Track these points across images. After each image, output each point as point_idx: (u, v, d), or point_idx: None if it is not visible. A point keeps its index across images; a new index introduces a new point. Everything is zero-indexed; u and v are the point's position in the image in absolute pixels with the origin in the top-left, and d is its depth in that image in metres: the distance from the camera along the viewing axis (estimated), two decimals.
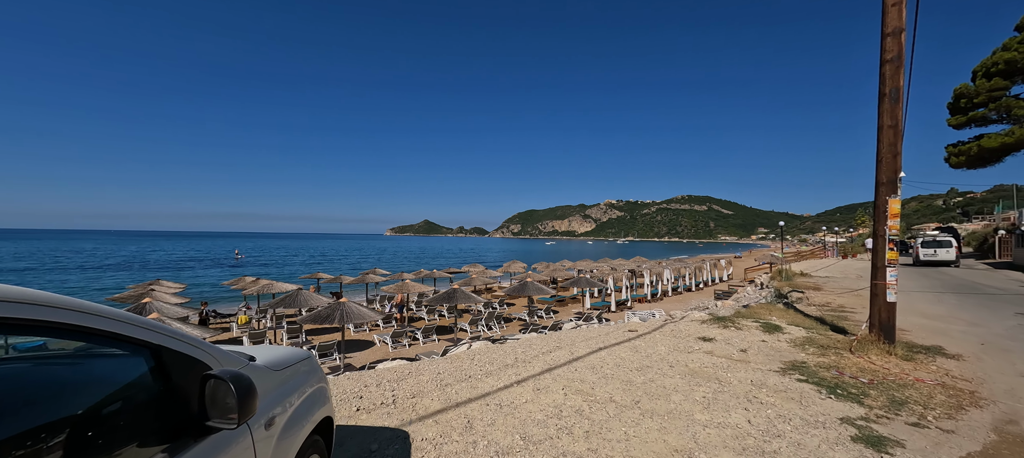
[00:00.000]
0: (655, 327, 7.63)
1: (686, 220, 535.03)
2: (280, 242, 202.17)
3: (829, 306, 10.45)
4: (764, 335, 6.98)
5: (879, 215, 5.96)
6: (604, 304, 25.64)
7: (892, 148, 5.85)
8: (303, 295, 15.29)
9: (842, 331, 7.38)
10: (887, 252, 5.84)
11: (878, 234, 5.96)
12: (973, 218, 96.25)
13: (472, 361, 5.63)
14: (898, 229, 5.79)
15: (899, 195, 5.82)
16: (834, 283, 16.09)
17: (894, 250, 5.81)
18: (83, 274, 46.87)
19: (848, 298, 11.87)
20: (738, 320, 8.05)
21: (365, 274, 23.04)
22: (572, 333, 7.26)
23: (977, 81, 30.62)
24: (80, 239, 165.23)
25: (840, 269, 23.03)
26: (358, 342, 17.94)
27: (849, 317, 8.88)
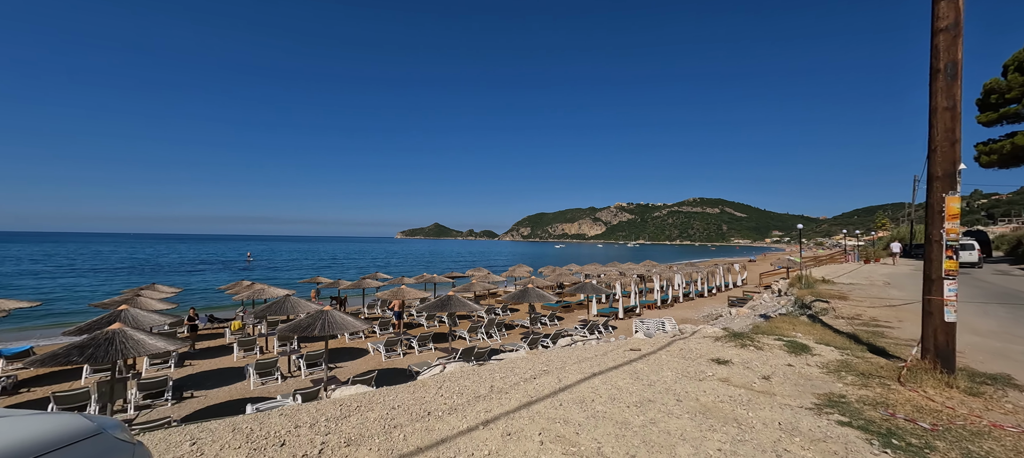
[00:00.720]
0: (661, 345, 6.63)
1: (698, 223, 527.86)
2: (292, 245, 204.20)
3: (860, 319, 9.32)
4: (790, 357, 5.95)
5: (933, 215, 4.90)
6: (611, 311, 24.55)
7: (950, 135, 4.80)
8: (291, 301, 14.55)
9: (882, 353, 6.29)
10: (944, 260, 4.78)
11: (932, 239, 4.90)
12: (999, 220, 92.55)
13: (439, 390, 4.73)
14: (957, 233, 4.74)
15: (958, 191, 4.76)
16: (861, 291, 14.82)
17: (953, 258, 4.75)
18: (96, 277, 47.27)
19: (881, 310, 10.68)
20: (757, 337, 7.00)
21: (363, 279, 22.33)
22: (565, 352, 6.30)
23: (1009, 76, 28.88)
24: (99, 242, 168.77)
25: (864, 275, 21.59)
26: (352, 350, 17.18)
27: (886, 334, 7.76)
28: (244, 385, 12.84)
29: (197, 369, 14.68)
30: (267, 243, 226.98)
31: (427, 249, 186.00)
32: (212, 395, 12.41)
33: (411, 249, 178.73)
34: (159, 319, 12.13)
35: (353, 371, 15.10)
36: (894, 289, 15.19)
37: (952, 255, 4.74)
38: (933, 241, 4.87)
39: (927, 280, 4.96)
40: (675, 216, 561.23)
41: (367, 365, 15.73)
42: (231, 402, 11.63)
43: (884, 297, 12.98)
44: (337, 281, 24.43)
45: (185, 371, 14.39)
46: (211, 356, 16.14)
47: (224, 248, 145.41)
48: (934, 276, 4.86)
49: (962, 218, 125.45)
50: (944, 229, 4.76)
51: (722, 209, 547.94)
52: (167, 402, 11.44)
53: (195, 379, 13.48)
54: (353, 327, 11.12)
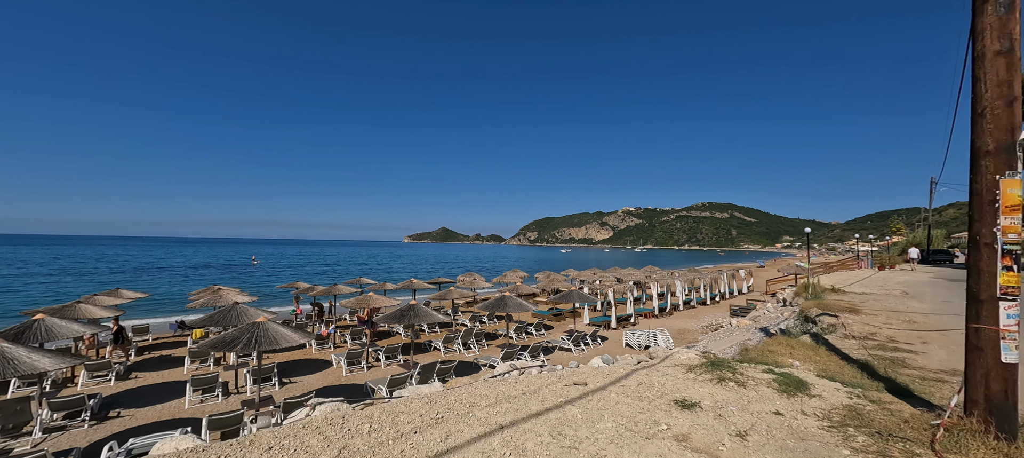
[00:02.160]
0: (615, 378, 5.16)
1: (707, 228, 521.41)
2: (300, 248, 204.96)
3: (874, 340, 7.75)
4: (779, 399, 4.45)
5: (981, 207, 3.39)
6: (605, 319, 22.98)
7: (1005, 90, 3.32)
8: (239, 309, 13.26)
9: (905, 394, 4.75)
10: (999, 272, 3.27)
11: (981, 241, 3.39)
12: None
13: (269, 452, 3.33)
14: (1019, 232, 3.24)
15: (1020, 171, 3.27)
16: (875, 303, 13.14)
17: (1014, 268, 3.24)
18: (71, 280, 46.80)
19: (899, 326, 9.07)
20: (742, 367, 5.49)
21: (334, 286, 21.04)
22: (482, 389, 4.85)
23: None
24: (108, 245, 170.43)
25: (878, 283, 19.78)
26: (315, 362, 15.86)
27: (908, 362, 6.20)
28: (180, 403, 11.56)
29: (141, 382, 13.44)
30: (276, 247, 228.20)
31: (433, 253, 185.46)
32: (141, 414, 11.13)
33: (416, 253, 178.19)
34: (79, 329, 10.90)
35: (311, 386, 13.77)
36: (913, 300, 13.48)
37: (1012, 264, 3.23)
38: (982, 244, 3.36)
39: (972, 299, 3.44)
40: (683, 221, 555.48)
41: (326, 379, 14.41)
42: (160, 422, 10.39)
43: (902, 310, 11.32)
44: (313, 286, 23.19)
45: (127, 385, 13.15)
46: (163, 367, 14.91)
47: (232, 251, 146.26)
48: (984, 294, 3.35)
49: None
50: (999, 226, 3.26)
51: (731, 214, 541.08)
52: (83, 423, 10.16)
53: (132, 395, 12.22)
54: (288, 340, 9.76)
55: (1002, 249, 3.25)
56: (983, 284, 3.34)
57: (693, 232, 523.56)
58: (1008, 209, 3.24)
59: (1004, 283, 3.24)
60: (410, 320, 12.52)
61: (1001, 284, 3.25)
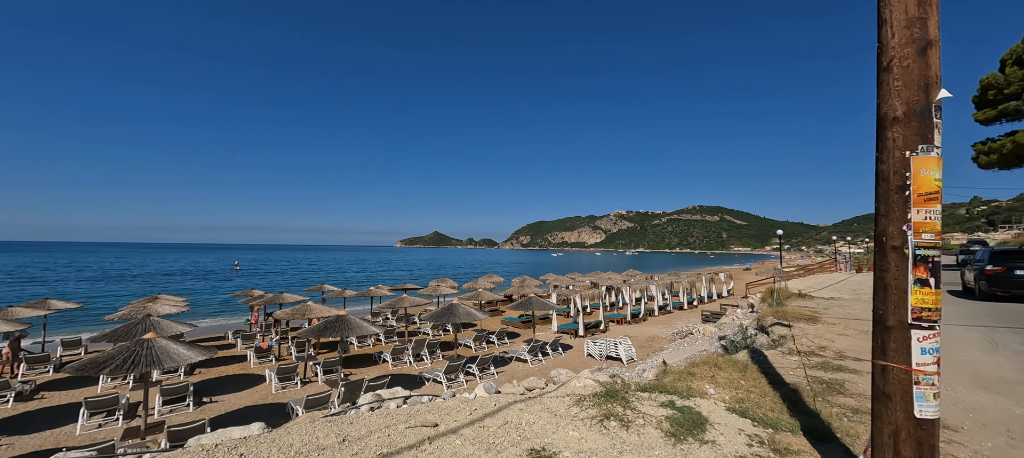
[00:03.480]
0: (477, 417, 4.14)
1: (698, 230, 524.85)
2: (288, 254, 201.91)
3: (821, 354, 6.82)
4: (662, 447, 3.47)
5: (887, 195, 2.42)
6: (573, 326, 22.02)
7: (918, 31, 2.37)
8: (150, 322, 12.07)
9: (824, 436, 3.77)
10: (911, 287, 2.31)
11: (886, 243, 2.43)
12: (999, 227, 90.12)
13: None
14: (939, 231, 2.28)
15: (938, 145, 2.32)
16: (839, 309, 12.30)
17: (930, 283, 2.28)
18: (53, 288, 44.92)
19: (855, 337, 8.19)
20: (641, 399, 4.50)
21: (280, 294, 19.81)
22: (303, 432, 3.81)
23: (1007, 69, 26.56)
24: (87, 251, 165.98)
25: (851, 287, 19.06)
26: (249, 377, 14.67)
27: (847, 386, 5.26)
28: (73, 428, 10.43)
29: (44, 404, 12.29)
30: (262, 252, 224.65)
31: (422, 258, 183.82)
32: (23, 443, 9.99)
33: (406, 258, 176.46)
34: None
35: (229, 406, 12.63)
36: None
37: (928, 276, 2.27)
38: (889, 247, 2.39)
39: (878, 325, 2.47)
40: (674, 224, 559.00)
41: (251, 398, 13.26)
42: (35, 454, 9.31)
43: (865, 317, 10.45)
44: (280, 294, 21.91)
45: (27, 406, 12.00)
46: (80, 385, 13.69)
47: (215, 257, 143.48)
48: (891, 319, 2.37)
49: (963, 225, 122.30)
50: (910, 223, 2.31)
51: (722, 217, 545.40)
52: None
53: (25, 420, 11.08)
54: (175, 360, 8.63)
55: (914, 255, 2.29)
56: (890, 304, 2.37)
57: (684, 235, 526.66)
58: (922, 198, 2.29)
59: (918, 304, 2.27)
60: (342, 333, 11.40)
61: (913, 305, 2.28)
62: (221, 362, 16.49)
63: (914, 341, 2.28)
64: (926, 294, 2.26)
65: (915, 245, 2.29)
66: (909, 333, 2.30)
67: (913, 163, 2.31)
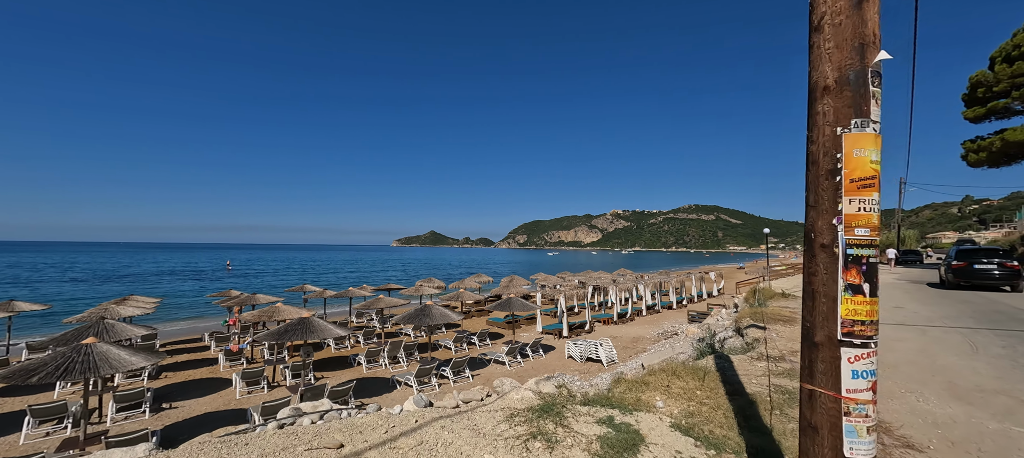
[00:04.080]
0: (390, 436, 3.69)
1: (694, 229, 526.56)
2: (282, 254, 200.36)
3: (791, 360, 6.41)
4: None
5: (816, 181, 1.97)
6: (557, 327, 21.60)
7: None
8: (102, 325, 11.53)
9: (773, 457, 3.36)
10: (842, 294, 1.88)
11: (814, 240, 1.98)
12: (990, 226, 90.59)
13: None
14: (875, 225, 1.84)
15: (876, 120, 1.88)
16: None
17: (864, 291, 1.84)
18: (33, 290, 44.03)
19: None
20: (577, 414, 4.06)
21: (254, 295, 19.27)
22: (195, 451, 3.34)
23: (997, 67, 26.40)
24: (80, 251, 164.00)
25: None
26: (214, 381, 14.12)
27: None
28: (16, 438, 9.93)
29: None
30: (257, 252, 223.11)
31: (418, 257, 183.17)
32: None
33: (402, 258, 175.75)
34: None
35: (189, 412, 12.12)
36: None
37: (861, 281, 1.84)
38: (817, 246, 1.96)
39: (806, 341, 2.03)
40: (670, 223, 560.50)
41: (214, 404, 12.75)
42: None
43: None
44: (254, 295, 21.33)
45: None
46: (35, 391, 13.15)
47: (209, 256, 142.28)
48: (819, 333, 1.94)
49: (955, 224, 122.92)
50: (841, 215, 1.87)
51: (718, 216, 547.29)
52: None
53: None
54: (115, 366, 8.11)
55: (845, 255, 1.86)
56: (818, 316, 1.93)
57: (680, 234, 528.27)
58: (856, 185, 1.85)
59: (848, 315, 1.83)
60: (302, 336, 10.90)
61: (843, 316, 1.84)
62: (190, 365, 15.96)
63: (844, 362, 1.84)
64: (859, 303, 1.82)
65: (846, 242, 1.85)
66: (838, 351, 1.85)
67: (845, 141, 1.87)
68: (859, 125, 1.85)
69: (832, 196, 1.90)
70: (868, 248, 1.83)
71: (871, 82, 1.87)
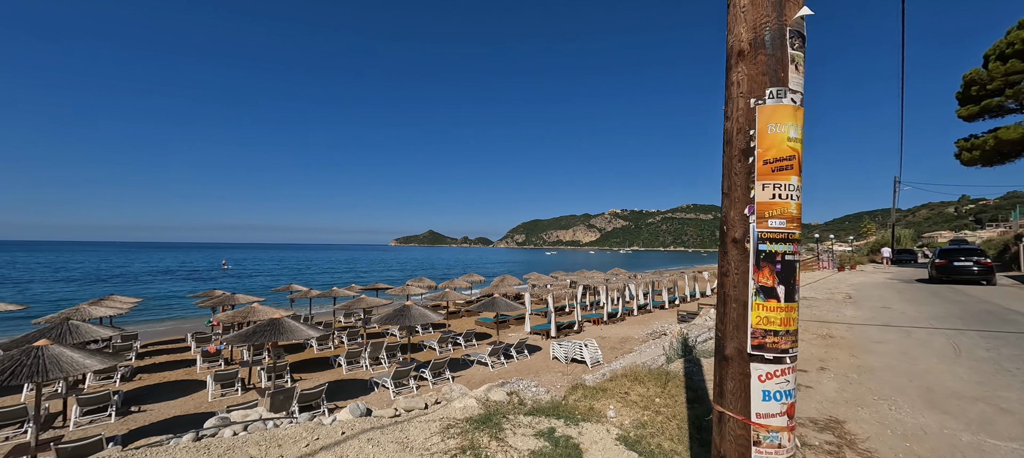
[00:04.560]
0: (304, 453, 3.38)
1: (692, 229, 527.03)
2: (280, 253, 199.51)
3: None
4: None
5: (730, 162, 1.67)
6: (546, 327, 21.30)
7: None
8: (67, 326, 11.18)
9: None
10: (752, 298, 1.56)
11: (726, 233, 1.67)
12: (986, 225, 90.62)
13: None
14: (794, 215, 1.52)
15: (797, 91, 1.57)
16: (807, 310, 11.63)
17: (778, 294, 1.53)
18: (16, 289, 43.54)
19: (811, 341, 7.50)
20: (522, 424, 3.74)
21: (234, 295, 18.91)
22: None
23: (990, 65, 26.14)
24: (75, 250, 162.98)
25: (828, 287, 18.47)
26: (185, 384, 13.82)
27: None
28: None
29: None
30: (253, 251, 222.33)
31: (416, 256, 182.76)
32: None
33: (399, 257, 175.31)
34: None
35: (157, 415, 11.78)
36: (852, 306, 12.04)
37: (774, 281, 1.53)
38: (729, 240, 1.65)
39: (718, 353, 1.72)
40: (669, 222, 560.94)
41: (185, 407, 12.41)
42: None
43: (830, 320, 9.80)
44: (233, 294, 20.94)
45: None
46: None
47: (205, 256, 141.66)
48: (729, 346, 1.63)
49: (952, 223, 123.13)
50: (752, 205, 1.56)
51: (716, 215, 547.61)
52: None
53: None
54: (66, 369, 7.77)
55: (756, 251, 1.54)
56: (729, 324, 1.61)
57: (678, 233, 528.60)
58: (770, 167, 1.53)
59: (759, 324, 1.52)
60: (270, 338, 10.56)
61: (753, 325, 1.53)
62: (167, 366, 15.61)
63: (754, 380, 1.53)
64: (772, 310, 1.51)
65: (757, 236, 1.53)
66: (748, 367, 1.54)
67: (759, 115, 1.56)
68: (775, 95, 1.54)
69: (745, 181, 1.59)
70: (784, 243, 1.52)
71: (790, 43, 1.55)
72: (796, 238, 1.53)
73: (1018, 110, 26.12)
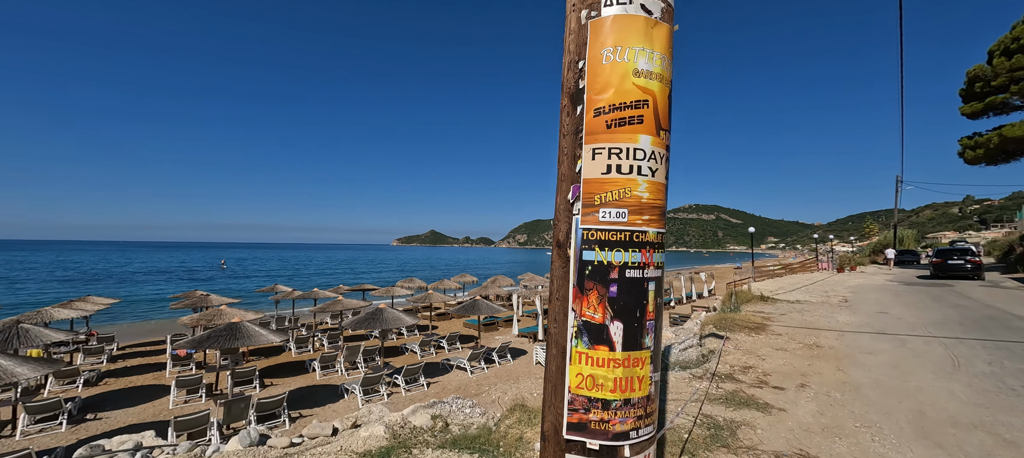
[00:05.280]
0: None
1: (694, 229, 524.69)
2: (280, 252, 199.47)
3: (739, 379, 5.46)
4: None
5: (561, 127, 1.04)
6: (534, 330, 20.66)
7: None
8: (17, 329, 10.61)
9: None
10: (572, 331, 0.94)
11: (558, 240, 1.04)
12: (991, 226, 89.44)
13: None
14: (645, 201, 0.89)
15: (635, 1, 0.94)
16: (797, 314, 10.97)
17: (611, 337, 0.91)
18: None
19: (792, 353, 6.83)
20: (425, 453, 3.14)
21: (206, 295, 18.33)
22: None
23: (995, 61, 25.33)
24: (76, 250, 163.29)
25: (824, 289, 17.77)
26: (157, 388, 13.26)
27: (744, 428, 3.89)
28: None
29: None
30: (255, 251, 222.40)
31: (417, 256, 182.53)
32: None
33: (399, 256, 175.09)
34: None
35: (116, 422, 11.20)
36: (846, 311, 11.34)
37: (604, 315, 0.90)
38: (555, 247, 1.02)
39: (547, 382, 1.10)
40: (671, 223, 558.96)
41: (144, 414, 11.88)
42: None
43: (821, 326, 9.12)
44: (207, 296, 20.39)
45: None
46: None
47: (205, 255, 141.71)
48: (547, 417, 1.01)
49: (956, 224, 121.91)
50: (577, 187, 0.95)
51: (718, 215, 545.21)
52: None
53: None
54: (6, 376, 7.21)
55: (580, 263, 0.92)
56: (548, 381, 1.00)
57: (680, 233, 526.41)
58: (605, 120, 0.91)
59: (580, 387, 0.88)
60: (220, 343, 9.95)
61: (572, 389, 0.90)
62: (137, 370, 15.06)
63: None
64: (599, 364, 0.86)
65: (582, 236, 0.90)
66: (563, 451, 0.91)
67: (590, 35, 0.93)
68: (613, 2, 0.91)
69: (572, 146, 0.96)
70: (626, 249, 0.88)
71: None
72: (653, 242, 0.89)
73: (1023, 107, 25.33)
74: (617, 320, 0.88)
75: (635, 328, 0.90)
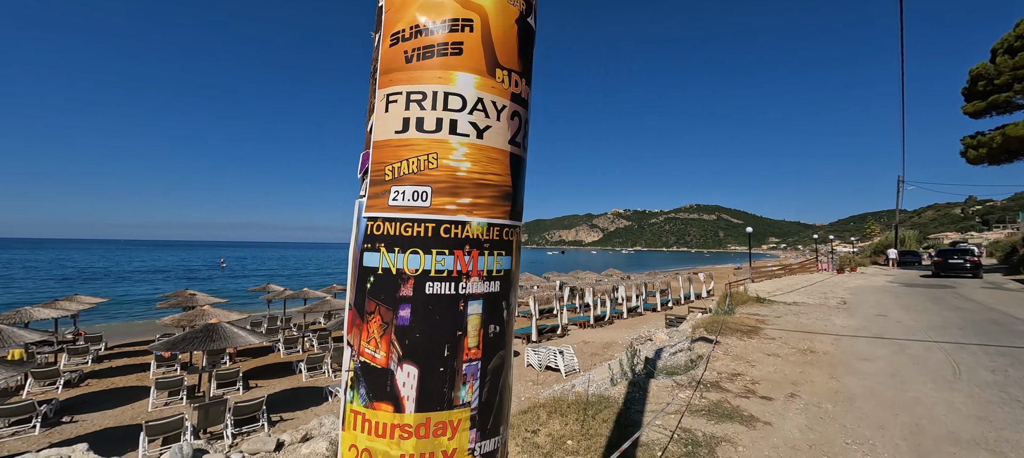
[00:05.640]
0: None
1: (695, 229, 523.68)
2: (280, 251, 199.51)
3: (726, 388, 5.13)
4: None
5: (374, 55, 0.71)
6: (527, 331, 20.33)
7: None
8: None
9: None
10: (349, 393, 0.61)
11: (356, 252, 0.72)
12: (994, 227, 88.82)
13: None
14: (457, 173, 0.56)
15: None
16: (793, 317, 10.62)
17: (395, 396, 0.58)
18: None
19: (784, 358, 6.50)
20: None
21: (192, 294, 18.05)
22: None
23: (998, 59, 24.89)
24: (76, 248, 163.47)
25: (822, 291, 17.40)
26: (136, 390, 12.98)
27: (725, 446, 3.56)
28: None
29: None
30: (256, 250, 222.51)
31: None
32: None
33: None
34: None
35: (94, 425, 10.99)
36: (844, 313, 10.99)
37: (389, 352, 0.58)
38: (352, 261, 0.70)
39: None
40: (672, 223, 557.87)
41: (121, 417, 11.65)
42: None
43: (817, 330, 8.77)
44: (186, 290, 20.12)
45: None
46: None
47: (205, 254, 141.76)
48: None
49: (958, 224, 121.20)
50: (366, 157, 0.63)
51: (719, 215, 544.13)
52: None
53: None
54: None
55: (359, 269, 0.59)
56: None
57: (681, 234, 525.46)
58: (404, 52, 0.58)
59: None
60: (196, 345, 9.65)
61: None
62: (122, 371, 14.81)
63: None
64: (379, 429, 0.55)
65: (365, 228, 0.58)
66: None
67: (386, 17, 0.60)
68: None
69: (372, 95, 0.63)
70: (427, 250, 0.56)
71: None
72: (478, 240, 0.57)
73: None
74: (408, 362, 0.56)
75: (440, 375, 0.58)
